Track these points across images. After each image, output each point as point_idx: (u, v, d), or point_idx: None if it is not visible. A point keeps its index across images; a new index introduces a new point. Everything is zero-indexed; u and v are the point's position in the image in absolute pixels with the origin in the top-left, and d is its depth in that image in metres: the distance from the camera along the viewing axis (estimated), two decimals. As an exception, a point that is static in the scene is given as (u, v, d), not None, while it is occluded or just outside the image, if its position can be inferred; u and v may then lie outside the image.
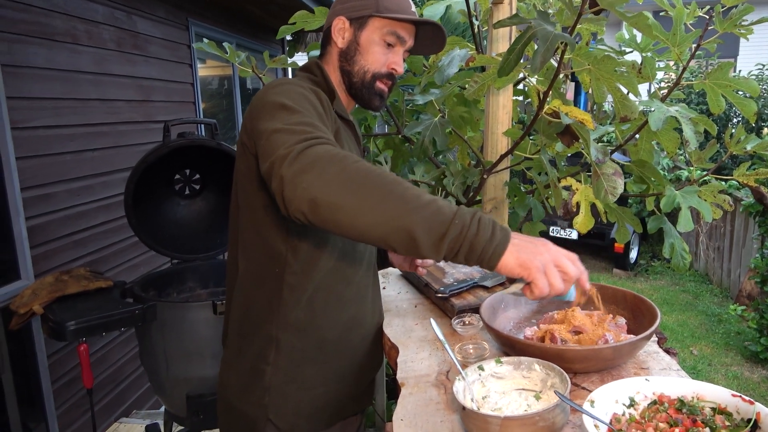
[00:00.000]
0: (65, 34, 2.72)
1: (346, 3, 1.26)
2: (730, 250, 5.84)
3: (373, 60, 1.24)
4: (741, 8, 1.78)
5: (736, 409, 0.79)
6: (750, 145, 1.98)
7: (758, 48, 14.07)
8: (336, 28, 1.25)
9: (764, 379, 4.16)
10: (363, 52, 1.24)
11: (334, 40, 1.26)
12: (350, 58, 1.25)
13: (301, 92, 1.08)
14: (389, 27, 1.23)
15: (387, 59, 1.25)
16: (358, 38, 1.24)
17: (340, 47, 1.25)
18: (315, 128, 0.97)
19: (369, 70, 1.24)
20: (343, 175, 0.86)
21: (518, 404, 0.91)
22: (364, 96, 1.27)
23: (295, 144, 0.91)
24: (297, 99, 1.05)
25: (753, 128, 7.39)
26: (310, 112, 1.03)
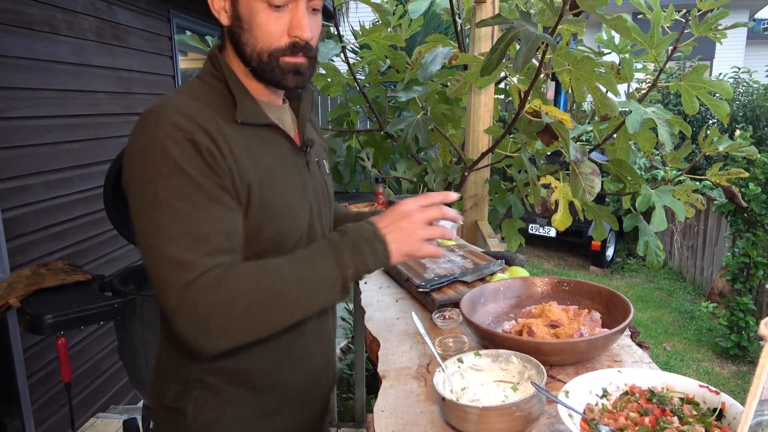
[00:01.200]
0: (44, 24, 2.68)
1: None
2: (703, 249, 5.98)
3: (263, 35, 0.95)
4: (716, 13, 1.83)
5: (703, 399, 0.83)
6: (723, 146, 2.03)
7: (734, 51, 14.38)
8: (213, 2, 0.98)
9: (734, 375, 4.28)
10: (248, 27, 0.95)
11: (219, 20, 0.99)
12: (238, 38, 0.97)
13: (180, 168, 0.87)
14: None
15: (282, 26, 0.95)
16: (238, 10, 0.95)
17: (225, 25, 0.99)
18: (206, 247, 0.87)
19: (263, 49, 0.96)
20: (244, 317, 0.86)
21: (496, 395, 0.93)
22: (272, 79, 0.99)
23: (183, 290, 0.84)
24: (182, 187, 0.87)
25: (726, 129, 7.56)
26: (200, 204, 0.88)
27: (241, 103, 0.99)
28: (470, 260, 1.58)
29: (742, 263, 4.43)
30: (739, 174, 2.04)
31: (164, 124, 0.89)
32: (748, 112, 7.95)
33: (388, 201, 2.33)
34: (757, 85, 8.11)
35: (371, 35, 2.45)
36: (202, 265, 0.86)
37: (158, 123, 0.90)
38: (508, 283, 1.33)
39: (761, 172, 4.18)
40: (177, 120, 0.90)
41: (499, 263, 1.53)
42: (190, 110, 0.92)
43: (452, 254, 1.65)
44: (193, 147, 0.89)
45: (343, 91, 2.81)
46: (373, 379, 3.40)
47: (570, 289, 1.29)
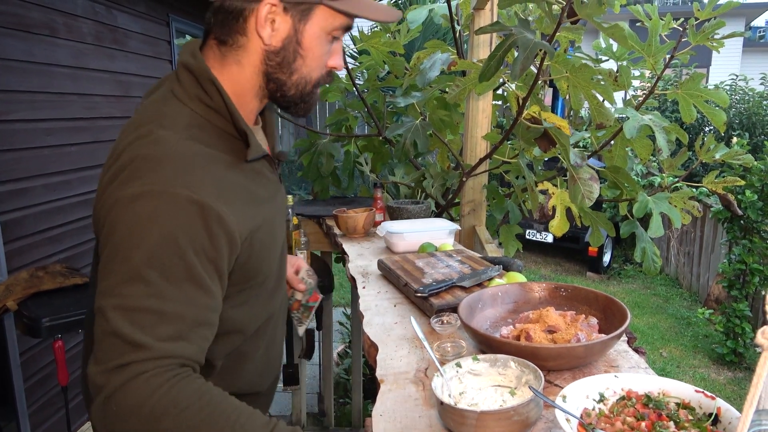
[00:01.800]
0: (43, 27, 2.69)
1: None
2: (700, 255, 6.00)
3: (317, 64, 0.92)
4: (713, 22, 1.85)
5: (699, 404, 0.83)
6: (719, 154, 2.05)
7: (730, 58, 14.48)
8: (262, 14, 0.86)
9: (730, 381, 4.29)
10: (306, 55, 0.90)
11: (256, 31, 0.88)
12: (287, 63, 0.90)
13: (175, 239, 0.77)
14: (343, 21, 0.91)
15: (329, 57, 0.95)
16: (300, 36, 0.88)
17: (267, 44, 0.89)
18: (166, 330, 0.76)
19: (312, 77, 0.93)
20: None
21: (494, 400, 0.94)
22: (298, 108, 0.96)
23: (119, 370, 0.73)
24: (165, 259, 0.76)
25: (723, 137, 7.60)
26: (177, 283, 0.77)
27: (251, 139, 0.90)
28: (468, 265, 1.59)
29: (739, 270, 4.44)
30: (735, 182, 2.06)
31: (166, 179, 0.78)
32: (744, 120, 7.99)
33: (386, 206, 2.34)
34: (752, 93, 8.15)
35: (370, 41, 2.46)
36: (152, 350, 0.74)
37: (159, 176, 0.79)
38: (506, 288, 1.33)
39: (758, 180, 4.20)
40: (184, 178, 0.79)
41: (496, 268, 1.53)
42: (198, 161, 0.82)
43: (450, 259, 1.66)
44: (199, 215, 0.79)
45: (341, 96, 2.82)
46: (371, 383, 3.40)
47: (567, 294, 1.30)
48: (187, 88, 0.89)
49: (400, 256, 1.72)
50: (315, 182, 2.93)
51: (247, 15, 0.87)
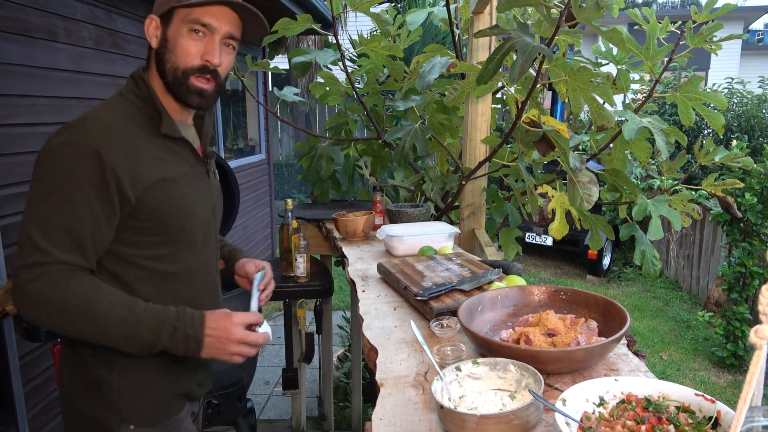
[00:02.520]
0: (43, 31, 2.69)
1: (156, 1, 1.20)
2: (699, 258, 6.00)
3: (181, 54, 1.16)
4: (711, 25, 1.85)
5: (699, 408, 0.83)
6: (718, 157, 2.05)
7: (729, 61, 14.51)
8: (148, 29, 1.19)
9: (730, 384, 4.29)
10: (172, 48, 1.16)
11: (150, 43, 1.20)
12: (162, 57, 1.18)
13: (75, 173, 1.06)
14: (191, 15, 1.15)
15: (197, 50, 1.17)
16: (167, 34, 1.17)
17: (154, 48, 1.19)
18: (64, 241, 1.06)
19: (179, 66, 1.17)
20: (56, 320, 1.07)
21: (494, 403, 0.94)
22: (180, 95, 1.19)
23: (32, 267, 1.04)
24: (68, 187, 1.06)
25: (722, 140, 7.61)
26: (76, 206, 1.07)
27: (165, 118, 1.19)
28: (468, 269, 1.59)
29: (738, 273, 4.44)
30: (735, 185, 2.06)
31: (82, 133, 1.09)
32: (742, 122, 8.00)
33: (385, 209, 2.34)
34: (751, 96, 8.16)
35: (370, 45, 2.46)
36: (52, 255, 1.05)
37: (78, 130, 1.10)
38: (506, 291, 1.33)
39: (757, 182, 4.21)
40: (93, 135, 1.09)
41: (496, 272, 1.53)
42: (110, 124, 1.12)
43: (450, 263, 1.66)
44: (96, 159, 1.07)
45: (341, 99, 2.82)
46: (370, 387, 3.39)
47: (567, 298, 1.30)
48: (128, 86, 1.22)
49: (399, 260, 1.72)
50: (315, 186, 2.93)
51: (147, 33, 1.20)
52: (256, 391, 3.76)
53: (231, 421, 2.29)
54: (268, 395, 3.75)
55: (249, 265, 1.48)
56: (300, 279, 2.28)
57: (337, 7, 2.31)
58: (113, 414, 1.18)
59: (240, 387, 2.25)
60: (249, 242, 5.84)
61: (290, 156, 10.89)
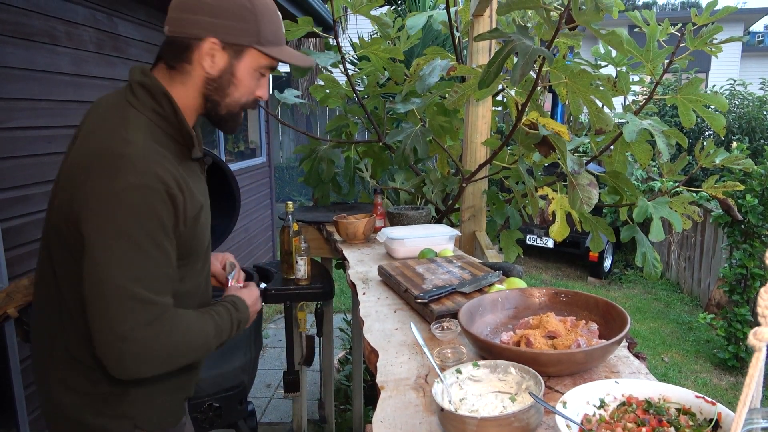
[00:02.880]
0: (44, 35, 2.70)
1: (220, 19, 1.08)
2: (700, 260, 5.99)
3: (246, 92, 1.17)
4: (711, 27, 1.85)
5: (699, 410, 0.83)
6: (719, 159, 2.05)
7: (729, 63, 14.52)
8: (205, 49, 1.09)
9: (732, 386, 4.28)
10: (238, 84, 1.14)
11: (200, 62, 1.11)
12: (222, 89, 1.14)
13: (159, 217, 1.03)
14: (268, 62, 1.15)
15: (257, 88, 1.19)
16: (234, 69, 1.13)
17: (208, 73, 1.12)
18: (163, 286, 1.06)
19: (240, 102, 1.17)
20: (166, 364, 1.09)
21: (494, 406, 0.94)
22: (228, 126, 1.21)
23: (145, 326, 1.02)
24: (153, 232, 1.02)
25: (722, 142, 7.60)
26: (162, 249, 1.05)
27: (196, 141, 1.16)
28: (468, 271, 1.59)
29: (740, 274, 4.44)
30: (735, 186, 2.06)
31: (145, 173, 1.02)
32: (743, 124, 8.00)
33: (386, 212, 2.34)
34: (752, 97, 8.16)
35: (370, 47, 2.47)
36: (158, 304, 1.04)
37: (142, 169, 1.02)
38: (506, 294, 1.33)
39: (758, 184, 4.21)
40: (159, 172, 1.03)
41: (496, 274, 1.53)
42: (159, 158, 1.05)
43: (450, 265, 1.66)
44: (171, 202, 1.05)
45: (341, 102, 2.83)
46: (371, 389, 3.39)
47: (567, 300, 1.30)
48: (142, 101, 1.11)
49: (400, 262, 1.72)
50: (315, 188, 2.93)
51: (193, 48, 1.10)
52: (257, 394, 3.76)
53: (232, 424, 2.29)
54: (269, 398, 3.75)
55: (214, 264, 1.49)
56: (301, 282, 2.28)
57: (338, 10, 2.31)
58: (126, 422, 1.17)
59: (241, 390, 2.25)
60: (250, 245, 5.84)
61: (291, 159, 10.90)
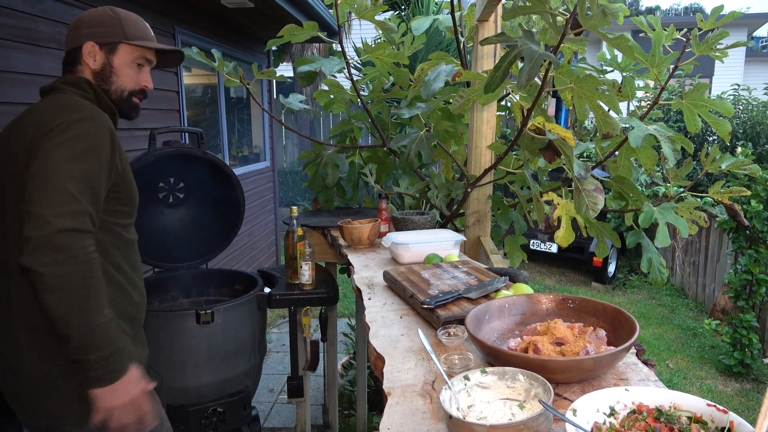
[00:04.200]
0: (50, 40, 2.71)
1: (93, 28, 1.43)
2: (705, 266, 5.96)
3: (128, 80, 1.47)
4: (717, 33, 1.85)
5: (711, 418, 0.82)
6: (724, 164, 2.04)
7: (733, 68, 14.50)
8: (86, 51, 1.43)
9: (737, 393, 4.25)
10: (118, 73, 1.46)
11: (85, 62, 1.43)
12: (106, 78, 1.45)
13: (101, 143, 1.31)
14: (139, 52, 1.48)
15: (139, 78, 1.50)
16: (111, 62, 1.45)
17: (93, 68, 1.44)
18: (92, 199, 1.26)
19: (126, 89, 1.48)
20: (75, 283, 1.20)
21: (503, 413, 0.93)
22: (122, 110, 1.50)
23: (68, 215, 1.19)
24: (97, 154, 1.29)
25: (728, 147, 7.58)
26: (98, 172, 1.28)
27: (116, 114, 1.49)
28: (474, 276, 1.58)
29: (745, 280, 4.41)
30: (741, 192, 2.05)
31: (98, 114, 1.33)
32: (748, 129, 7.98)
33: (391, 217, 2.33)
34: (756, 103, 8.15)
35: (375, 53, 2.47)
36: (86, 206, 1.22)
37: (94, 112, 1.33)
38: (513, 300, 1.33)
39: (763, 189, 4.19)
40: (104, 119, 1.33)
41: (503, 280, 1.53)
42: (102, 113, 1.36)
43: (456, 270, 1.65)
44: (110, 137, 1.33)
45: (346, 107, 2.83)
46: (375, 395, 3.37)
47: (575, 306, 1.29)
48: (73, 90, 1.41)
49: (405, 267, 1.72)
50: (319, 193, 2.93)
51: (80, 53, 1.44)
52: (261, 399, 3.74)
53: (235, 429, 2.28)
54: (273, 403, 3.74)
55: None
56: (305, 286, 2.28)
57: (342, 15, 2.31)
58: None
59: (245, 395, 2.24)
60: (253, 249, 5.84)
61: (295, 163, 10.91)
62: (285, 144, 11.34)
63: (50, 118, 1.29)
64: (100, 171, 1.28)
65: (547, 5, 1.56)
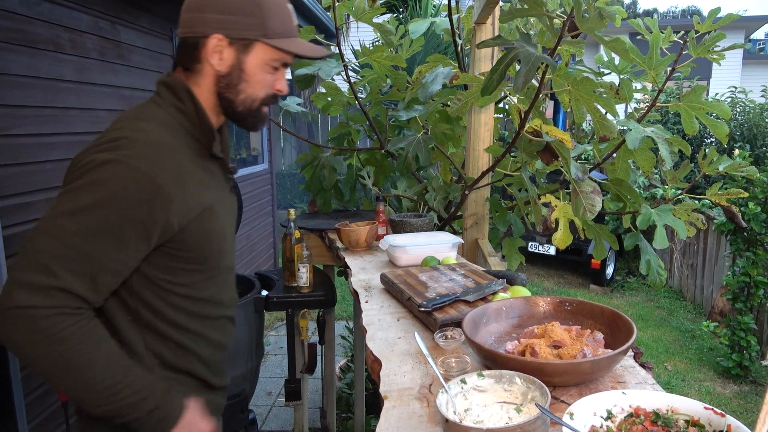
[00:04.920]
0: (48, 42, 2.71)
1: (225, 15, 1.07)
2: (703, 268, 5.97)
3: (260, 87, 1.13)
4: (714, 35, 1.85)
5: (709, 422, 0.82)
6: (722, 166, 2.04)
7: (730, 71, 14.54)
8: (211, 46, 1.08)
9: (736, 395, 4.25)
10: (249, 79, 1.12)
11: (207, 60, 1.10)
12: (233, 85, 1.12)
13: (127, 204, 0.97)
14: (278, 55, 1.12)
15: (273, 82, 1.15)
16: (243, 64, 1.11)
17: (218, 70, 1.11)
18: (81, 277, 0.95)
19: (257, 98, 1.14)
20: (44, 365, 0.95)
21: (500, 417, 0.93)
22: (247, 123, 1.18)
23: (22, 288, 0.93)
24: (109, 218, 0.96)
25: (725, 149, 7.59)
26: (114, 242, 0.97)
27: (216, 136, 1.15)
28: (471, 279, 1.58)
29: (743, 282, 4.42)
30: (739, 194, 2.05)
31: (137, 154, 0.99)
32: (745, 131, 8.00)
33: (388, 219, 2.33)
34: (753, 105, 8.17)
35: (373, 55, 2.47)
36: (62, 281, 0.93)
37: (132, 152, 0.99)
38: (510, 302, 1.32)
39: (760, 191, 4.19)
40: (150, 156, 1.00)
41: (500, 282, 1.52)
42: (163, 146, 1.03)
43: (453, 273, 1.65)
44: (152, 191, 0.99)
45: (343, 110, 2.83)
46: (373, 398, 3.37)
47: (572, 309, 1.29)
48: (164, 98, 1.12)
49: (403, 270, 1.71)
50: (317, 195, 2.92)
51: (201, 46, 1.09)
52: (258, 402, 3.74)
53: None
54: (270, 406, 3.73)
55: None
56: (302, 289, 2.27)
57: (340, 18, 2.32)
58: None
59: (242, 398, 2.24)
60: (251, 252, 5.84)
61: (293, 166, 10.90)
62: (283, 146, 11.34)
63: (87, 150, 1.02)
64: (114, 236, 0.98)
65: (544, 8, 1.56)
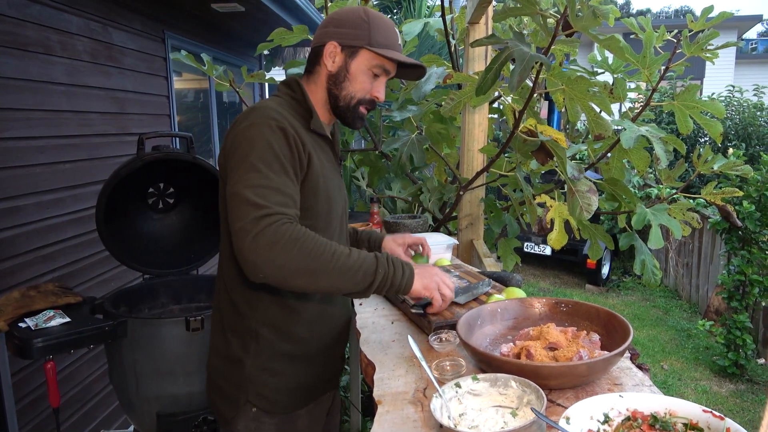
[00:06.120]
0: (38, 45, 2.68)
1: (340, 28, 1.35)
2: (699, 267, 5.98)
3: (359, 88, 1.36)
4: (707, 33, 1.85)
5: (707, 425, 0.81)
6: (717, 165, 2.04)
7: (724, 70, 14.59)
8: (327, 51, 1.35)
9: (732, 393, 4.25)
10: (351, 79, 1.35)
11: (324, 62, 1.36)
12: (339, 83, 1.36)
13: (270, 145, 1.20)
14: (378, 61, 1.35)
15: (371, 87, 1.37)
16: (348, 66, 1.35)
17: (329, 70, 1.35)
18: (277, 198, 1.16)
19: (355, 96, 1.36)
20: (294, 261, 1.11)
21: (495, 421, 0.91)
22: (347, 118, 1.39)
23: (256, 220, 1.11)
24: (267, 158, 1.19)
25: (719, 148, 7.62)
26: (277, 172, 1.19)
27: (315, 118, 1.35)
28: (466, 281, 1.56)
29: (738, 281, 4.42)
30: (734, 193, 2.04)
31: (264, 116, 1.24)
32: (739, 131, 8.03)
33: (383, 221, 2.32)
34: (747, 104, 8.19)
35: (366, 56, 2.45)
36: (272, 208, 1.13)
37: (260, 114, 1.24)
38: (506, 304, 1.31)
39: (755, 190, 4.20)
40: (273, 115, 1.24)
41: (487, 282, 1.51)
42: (281, 112, 1.27)
43: (448, 275, 1.63)
44: (282, 133, 1.22)
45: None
46: (369, 401, 3.35)
47: (568, 310, 1.28)
48: (281, 91, 1.39)
49: (397, 272, 1.69)
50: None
51: (321, 52, 1.36)
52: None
53: (227, 438, 2.26)
54: (266, 410, 3.70)
55: (394, 249, 1.62)
56: (297, 292, 2.25)
57: (332, 19, 2.29)
58: (242, 394, 1.34)
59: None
60: (246, 254, 5.80)
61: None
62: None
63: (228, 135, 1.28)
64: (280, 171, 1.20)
65: (537, 7, 1.55)
